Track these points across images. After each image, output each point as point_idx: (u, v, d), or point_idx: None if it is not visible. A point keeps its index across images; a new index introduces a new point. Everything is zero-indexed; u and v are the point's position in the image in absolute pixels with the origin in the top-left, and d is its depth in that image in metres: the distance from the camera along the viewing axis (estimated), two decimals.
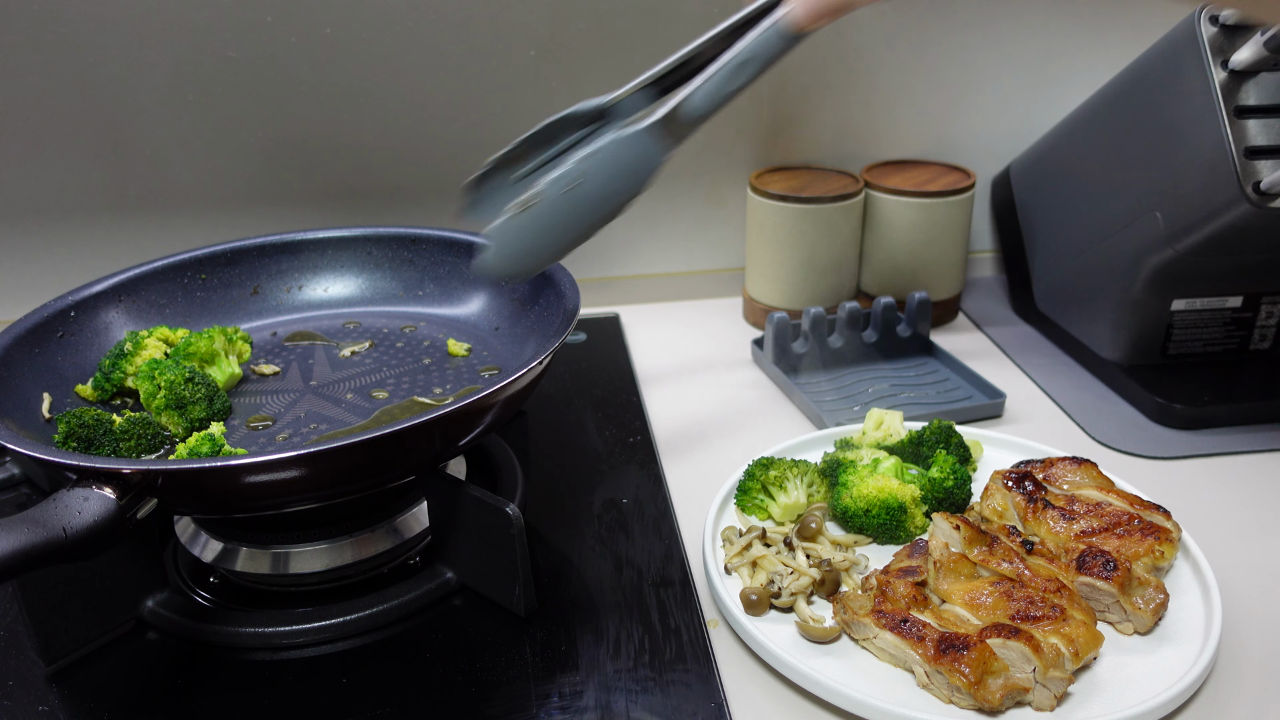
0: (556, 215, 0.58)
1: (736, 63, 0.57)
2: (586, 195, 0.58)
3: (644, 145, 0.58)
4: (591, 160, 0.58)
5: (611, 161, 0.58)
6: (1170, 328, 0.89)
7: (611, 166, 0.58)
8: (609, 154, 0.58)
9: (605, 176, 0.58)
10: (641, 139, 0.58)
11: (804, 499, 0.70)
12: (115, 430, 0.64)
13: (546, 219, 0.58)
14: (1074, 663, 0.55)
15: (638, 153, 0.58)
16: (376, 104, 1.00)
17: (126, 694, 0.58)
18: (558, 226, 0.59)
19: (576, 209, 0.58)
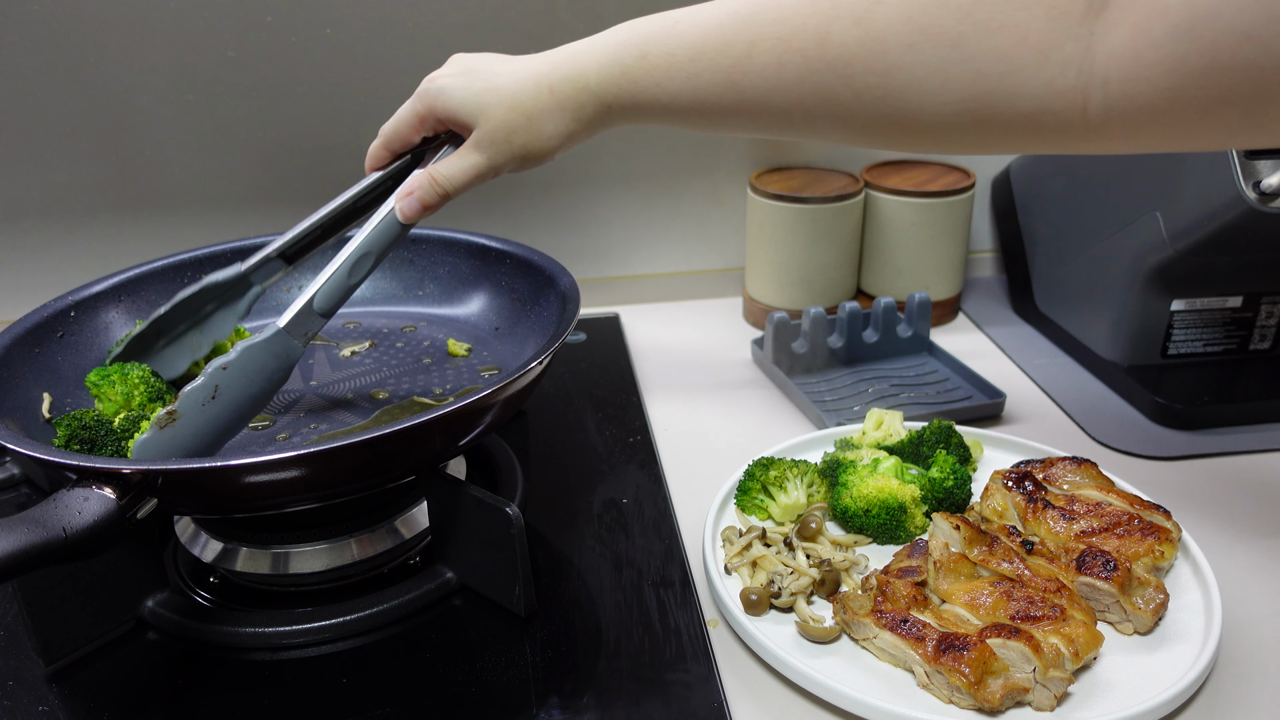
0: (201, 425, 0.61)
1: (356, 256, 0.65)
2: (227, 402, 0.62)
3: (275, 347, 0.63)
4: (226, 372, 0.62)
5: (246, 368, 0.62)
6: (1170, 328, 0.89)
7: (246, 372, 0.62)
8: (243, 362, 0.62)
9: (243, 382, 0.62)
10: (272, 343, 0.63)
11: (804, 499, 0.70)
12: (116, 429, 0.64)
13: (191, 430, 0.61)
14: (1074, 663, 0.55)
15: (270, 354, 0.63)
16: (376, 104, 0.99)
17: (126, 694, 0.58)
18: (204, 433, 0.62)
19: (219, 415, 0.62)
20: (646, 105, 0.60)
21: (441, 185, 0.65)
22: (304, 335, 0.65)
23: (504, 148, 0.63)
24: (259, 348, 0.63)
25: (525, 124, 0.62)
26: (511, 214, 1.08)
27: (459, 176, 0.65)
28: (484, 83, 0.63)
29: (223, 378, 0.62)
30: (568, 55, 0.62)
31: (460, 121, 0.64)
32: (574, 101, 0.61)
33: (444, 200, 0.66)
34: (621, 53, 0.59)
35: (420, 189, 0.65)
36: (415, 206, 0.65)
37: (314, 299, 0.65)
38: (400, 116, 0.67)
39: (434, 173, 0.65)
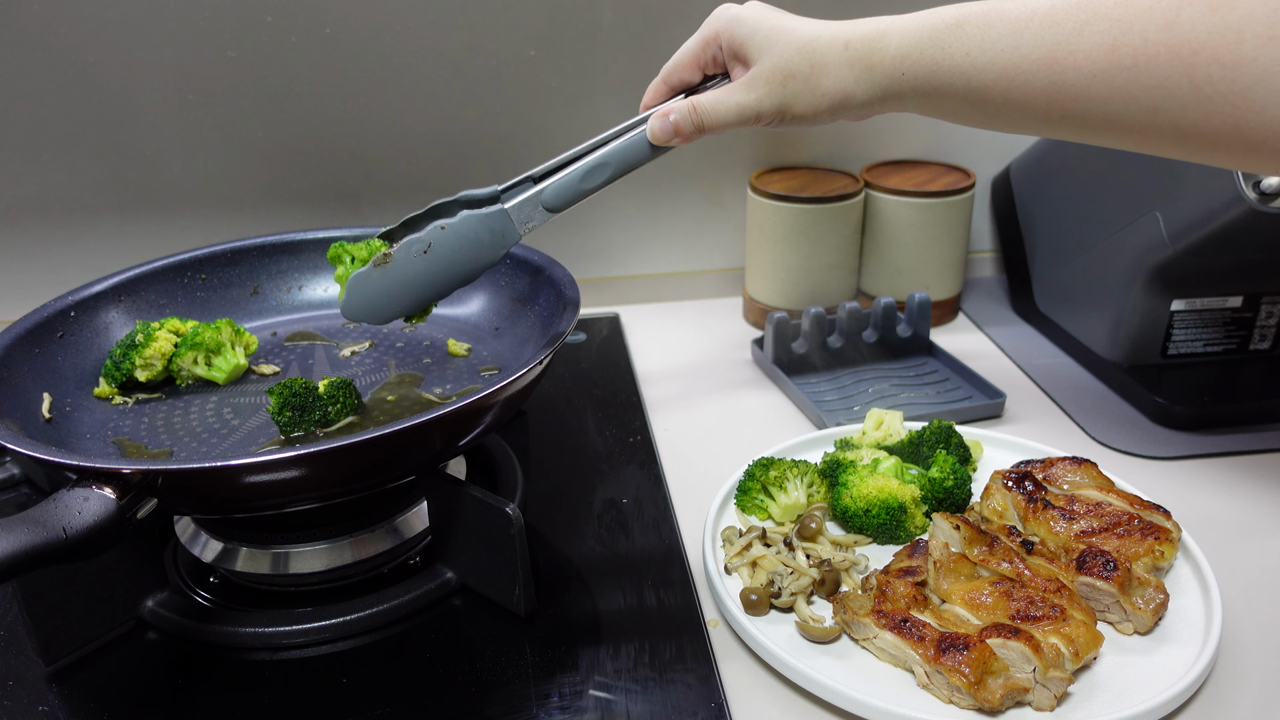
0: (407, 274, 0.66)
1: (595, 165, 0.66)
2: (436, 260, 0.66)
3: (494, 224, 0.66)
4: (445, 233, 0.65)
5: (461, 236, 0.66)
6: (1170, 328, 0.89)
7: (460, 240, 0.66)
8: (461, 228, 0.65)
9: (454, 248, 0.66)
10: (492, 219, 0.66)
11: (804, 499, 0.70)
12: (322, 395, 0.67)
13: (397, 276, 0.66)
14: (1074, 663, 0.55)
15: (486, 228, 0.66)
16: (376, 104, 1.00)
17: (126, 694, 0.58)
18: (407, 284, 0.66)
19: (426, 271, 0.66)
20: (946, 79, 0.56)
21: (700, 115, 0.63)
22: (525, 224, 0.66)
23: (776, 91, 0.61)
24: (478, 218, 0.65)
25: (806, 71, 0.60)
26: None
27: (719, 110, 0.63)
28: (779, 22, 0.61)
29: (439, 236, 0.65)
30: (870, 20, 0.59)
31: (744, 52, 0.62)
32: (866, 62, 0.58)
33: (698, 132, 0.64)
34: (933, 20, 0.56)
35: (678, 112, 0.64)
36: (667, 128, 0.64)
37: (544, 191, 0.66)
38: (685, 48, 0.66)
39: (696, 101, 0.63)
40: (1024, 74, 0.53)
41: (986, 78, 0.55)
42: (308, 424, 0.67)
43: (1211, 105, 0.48)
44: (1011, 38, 0.53)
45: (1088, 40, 0.51)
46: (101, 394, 0.73)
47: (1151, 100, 0.50)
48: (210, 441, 0.68)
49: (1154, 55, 0.49)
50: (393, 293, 0.66)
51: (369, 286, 0.66)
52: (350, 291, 0.66)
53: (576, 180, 0.66)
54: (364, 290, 0.66)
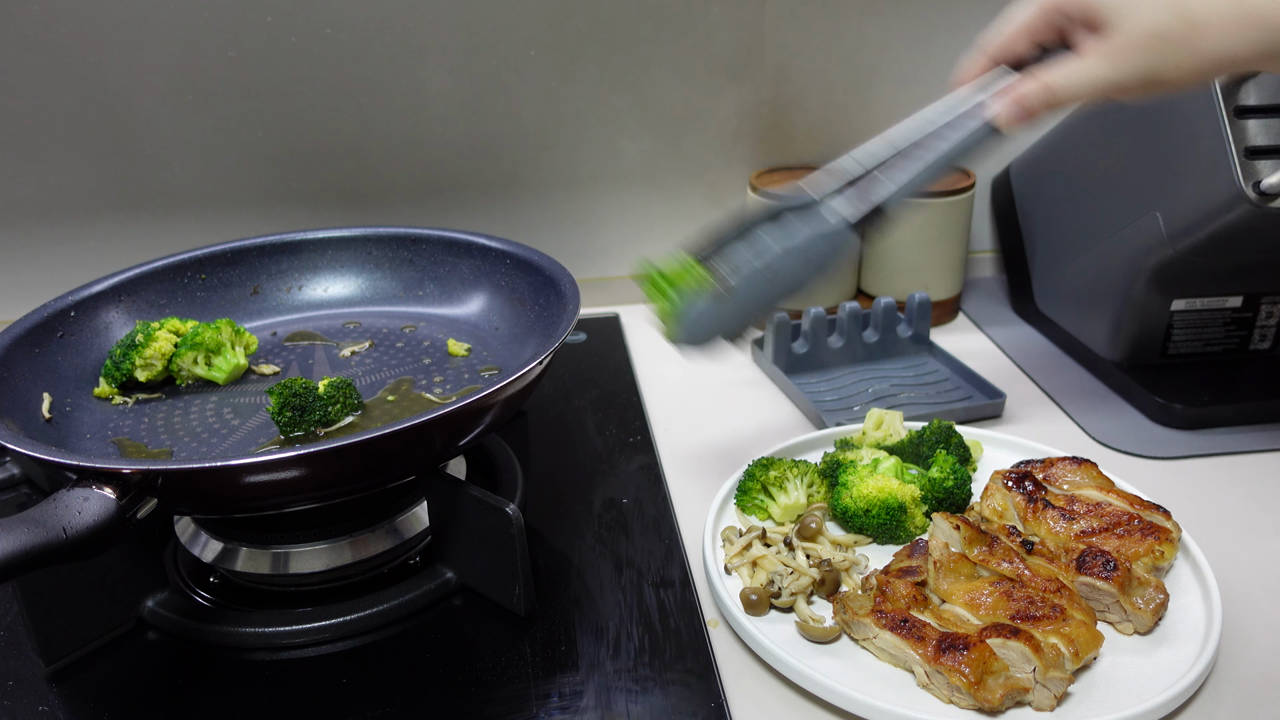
0: (747, 300, 0.64)
1: (934, 166, 0.62)
2: (778, 282, 0.64)
3: (837, 240, 0.63)
4: (787, 256, 0.63)
5: (805, 256, 0.64)
6: (1170, 328, 0.89)
7: (803, 260, 0.64)
8: (805, 249, 0.63)
9: (798, 267, 0.64)
10: (837, 237, 0.63)
11: (804, 499, 0.70)
12: (322, 396, 0.67)
13: (738, 303, 0.64)
14: (1074, 663, 0.55)
15: (832, 246, 0.64)
16: (376, 104, 1.00)
17: (126, 694, 0.58)
18: (745, 308, 0.65)
19: (765, 293, 0.64)
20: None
21: (1054, 91, 0.56)
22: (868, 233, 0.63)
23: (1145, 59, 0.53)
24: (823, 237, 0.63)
25: (1185, 31, 0.52)
26: (511, 214, 1.08)
27: (1076, 84, 0.56)
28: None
29: (780, 260, 0.63)
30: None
31: (1100, 16, 0.54)
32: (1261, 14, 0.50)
33: (1050, 110, 0.58)
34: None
35: (1031, 96, 0.57)
36: (1017, 111, 0.58)
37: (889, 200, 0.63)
38: (1015, 16, 0.59)
39: (1050, 81, 0.57)
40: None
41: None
42: (308, 424, 0.67)
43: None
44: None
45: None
46: (101, 394, 0.73)
47: None
48: (210, 441, 0.68)
49: None
50: (729, 319, 0.65)
51: (708, 316, 0.64)
52: (688, 324, 0.65)
53: (915, 183, 0.62)
54: (703, 320, 0.64)
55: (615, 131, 1.05)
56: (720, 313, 0.64)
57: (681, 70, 1.03)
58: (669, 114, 1.05)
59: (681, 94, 1.04)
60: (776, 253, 0.63)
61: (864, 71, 1.06)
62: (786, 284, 0.64)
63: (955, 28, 1.04)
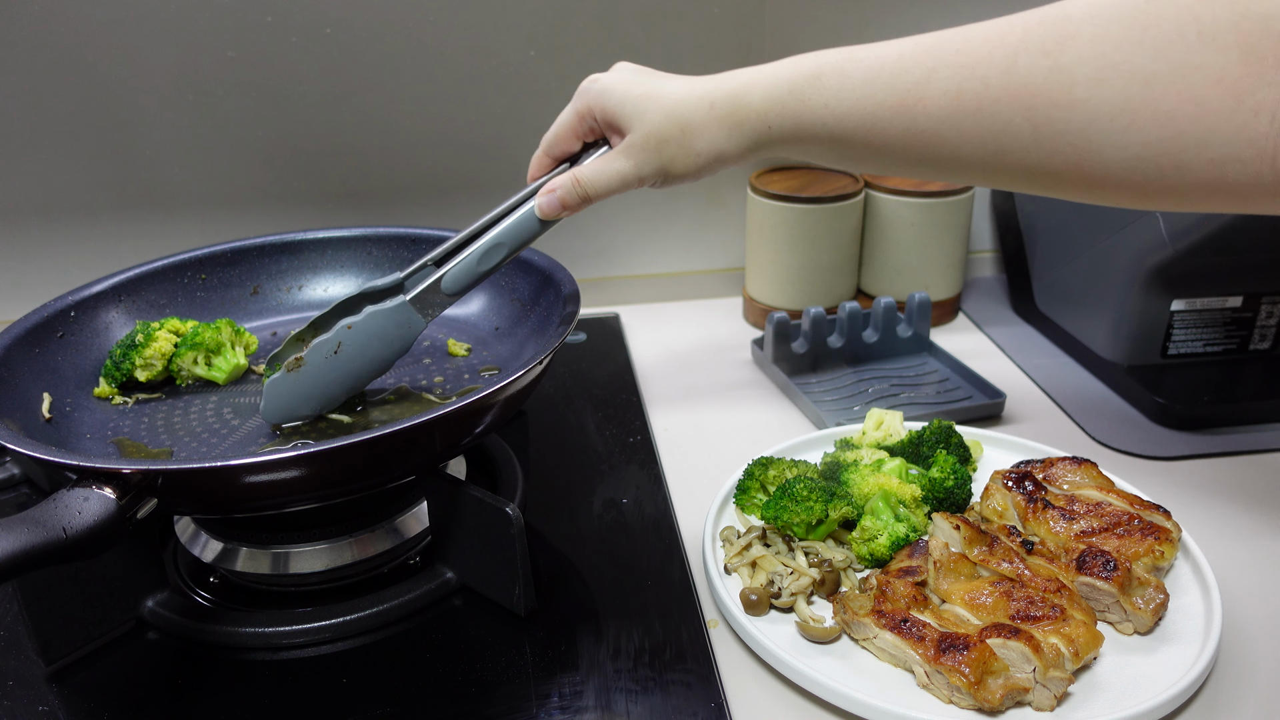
0: (321, 375, 0.67)
1: (489, 246, 0.67)
2: (347, 359, 0.67)
3: (398, 317, 0.67)
4: (351, 331, 0.67)
5: (369, 331, 0.67)
6: (1170, 328, 0.89)
7: (368, 336, 0.67)
8: (367, 325, 0.67)
9: (362, 344, 0.67)
10: (396, 312, 0.67)
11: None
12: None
13: (312, 378, 0.67)
14: (1074, 663, 0.55)
15: (392, 322, 0.67)
16: (376, 104, 1.00)
17: (126, 694, 0.58)
18: (323, 384, 0.68)
19: (339, 368, 0.68)
20: (810, 128, 0.58)
21: (583, 187, 0.65)
22: (428, 310, 0.68)
23: (652, 156, 0.63)
24: (383, 314, 0.67)
25: (679, 135, 0.62)
26: None
27: (601, 179, 0.65)
28: (646, 88, 0.63)
29: (346, 335, 0.67)
30: (734, 76, 0.61)
31: (616, 123, 0.64)
32: (732, 119, 0.61)
33: (584, 203, 0.66)
34: (793, 73, 0.58)
35: (562, 187, 0.66)
36: (554, 204, 0.66)
37: (443, 279, 0.67)
38: (561, 120, 0.68)
39: (578, 174, 0.65)
40: (880, 121, 0.55)
41: (847, 126, 0.57)
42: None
43: (1052, 145, 0.50)
44: (865, 86, 0.55)
45: (935, 86, 0.53)
46: (101, 394, 0.73)
47: (997, 143, 0.52)
48: (210, 441, 0.68)
49: (995, 99, 0.51)
50: (310, 394, 0.68)
51: (285, 390, 0.67)
52: (268, 398, 0.67)
53: (474, 264, 0.67)
54: (281, 394, 0.67)
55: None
56: (295, 386, 0.67)
57: (682, 69, 1.02)
58: None
59: None
60: (343, 329, 0.67)
61: None
62: (353, 357, 0.67)
63: (955, 26, 1.04)
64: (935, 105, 0.53)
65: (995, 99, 0.51)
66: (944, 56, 0.53)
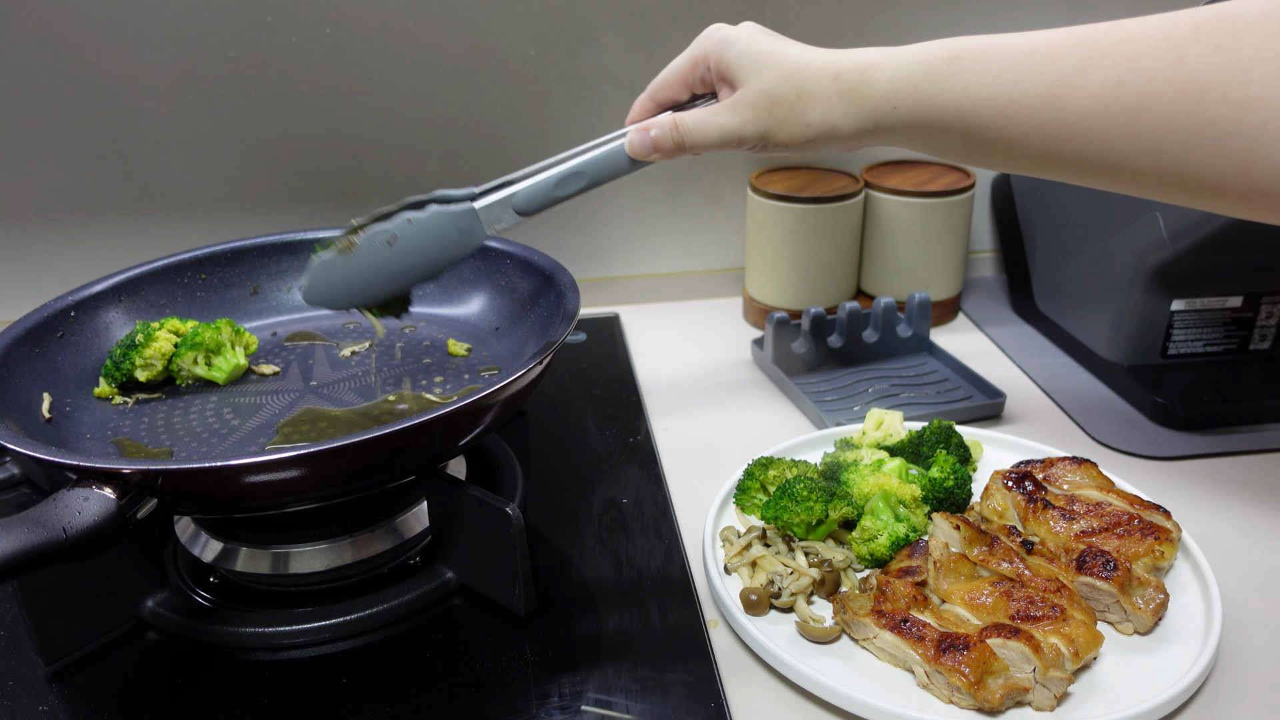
0: (371, 263, 0.66)
1: (570, 171, 0.65)
2: (401, 253, 0.65)
3: (462, 223, 0.66)
4: (411, 226, 0.65)
5: (428, 230, 0.65)
6: (1170, 328, 0.89)
7: (426, 235, 0.65)
8: (428, 223, 0.65)
9: (420, 242, 0.66)
10: (460, 217, 0.65)
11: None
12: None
13: (360, 265, 0.66)
14: (1074, 663, 0.55)
15: (454, 226, 0.66)
16: (376, 104, 1.00)
17: (126, 694, 0.58)
18: (369, 273, 0.66)
19: (390, 263, 0.66)
20: (941, 114, 0.55)
21: (681, 133, 0.62)
22: (493, 225, 0.66)
23: (760, 116, 0.60)
24: (447, 215, 0.65)
25: (793, 99, 0.59)
26: None
27: (701, 129, 0.62)
28: (768, 47, 0.60)
29: (405, 229, 0.65)
30: (862, 51, 0.58)
31: (731, 75, 0.61)
32: (855, 94, 0.57)
33: (678, 149, 0.63)
34: (929, 55, 0.55)
35: (659, 128, 0.63)
36: (647, 143, 0.63)
37: (516, 195, 0.65)
38: (673, 65, 0.65)
39: (679, 118, 0.62)
40: (1023, 110, 0.52)
41: (985, 113, 0.54)
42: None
43: (1217, 146, 0.47)
44: (1011, 73, 0.52)
45: (1090, 77, 0.50)
46: (101, 394, 0.73)
47: (1155, 141, 0.49)
48: (210, 441, 0.68)
49: (1159, 94, 0.48)
50: (353, 281, 0.66)
51: (332, 273, 0.66)
52: (313, 276, 0.66)
53: (550, 186, 0.65)
54: (326, 276, 0.66)
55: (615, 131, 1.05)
56: (342, 270, 0.65)
57: None
58: None
59: None
60: (401, 222, 0.65)
61: None
62: (406, 254, 0.65)
63: (955, 28, 1.04)
64: (1090, 97, 0.50)
65: (1159, 93, 0.48)
66: (1101, 47, 0.50)
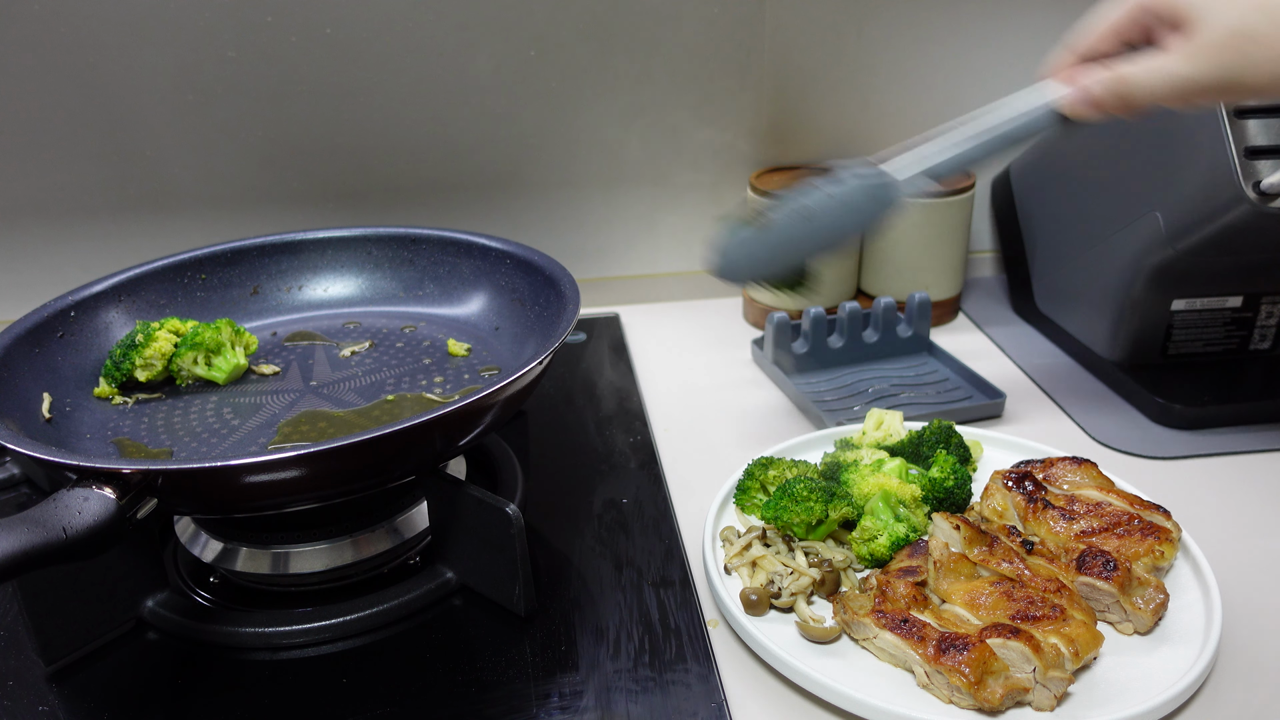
0: (786, 235, 0.64)
1: (988, 135, 0.62)
2: (816, 224, 0.64)
3: (880, 194, 0.64)
4: (829, 198, 0.63)
5: (845, 200, 0.64)
6: (1170, 328, 0.89)
7: (843, 206, 0.64)
8: (845, 196, 0.64)
9: (837, 212, 0.64)
10: (877, 187, 0.63)
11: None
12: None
13: (776, 237, 0.65)
14: (1074, 663, 0.55)
15: (871, 197, 0.64)
16: (376, 104, 1.00)
17: (126, 694, 0.58)
18: (785, 245, 0.65)
19: (805, 233, 0.64)
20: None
21: (1128, 85, 0.54)
22: (910, 191, 0.64)
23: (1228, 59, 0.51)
24: (864, 186, 0.63)
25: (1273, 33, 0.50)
26: (511, 214, 1.08)
27: (1151, 81, 0.54)
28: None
29: (822, 200, 0.64)
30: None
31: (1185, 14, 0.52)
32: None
33: (1122, 107, 0.56)
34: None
35: (1100, 83, 0.56)
36: (1085, 100, 0.57)
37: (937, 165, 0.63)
38: (1103, 14, 0.57)
39: (1124, 72, 0.55)
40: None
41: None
42: None
43: None
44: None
45: None
46: (101, 394, 0.73)
47: None
48: (210, 441, 0.68)
49: None
50: (767, 254, 0.65)
51: (746, 245, 0.65)
52: (725, 250, 0.66)
53: (966, 150, 0.62)
54: (741, 249, 0.65)
55: (615, 131, 1.05)
56: (756, 244, 0.65)
57: (681, 69, 1.03)
58: (669, 113, 1.05)
59: (681, 93, 1.04)
60: (820, 196, 0.64)
61: (864, 71, 1.06)
62: (824, 227, 0.64)
63: (955, 27, 1.04)
64: None
65: None
66: None
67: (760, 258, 0.65)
